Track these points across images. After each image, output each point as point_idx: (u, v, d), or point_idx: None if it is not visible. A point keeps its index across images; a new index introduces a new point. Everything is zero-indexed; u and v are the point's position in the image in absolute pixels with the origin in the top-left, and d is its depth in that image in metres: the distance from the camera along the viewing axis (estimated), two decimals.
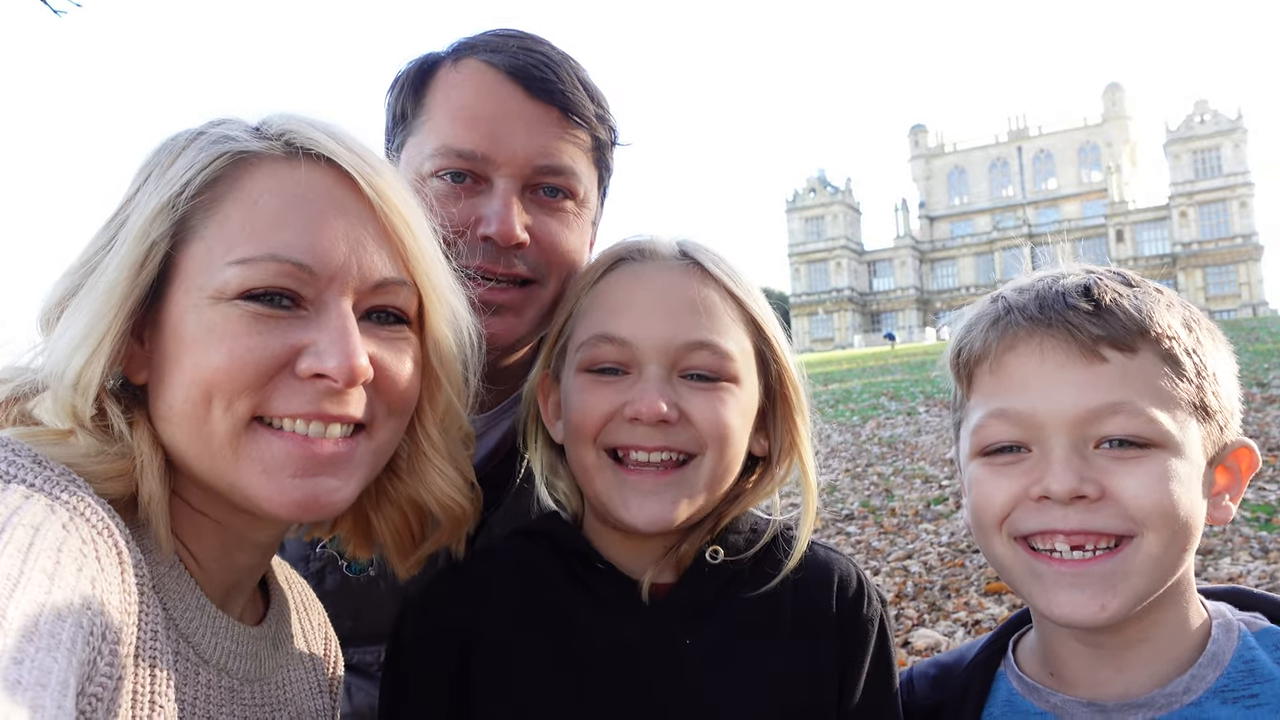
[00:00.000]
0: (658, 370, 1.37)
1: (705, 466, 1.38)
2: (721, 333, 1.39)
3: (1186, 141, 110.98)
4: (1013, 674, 1.46)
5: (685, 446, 1.37)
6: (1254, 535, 6.71)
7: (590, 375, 1.40)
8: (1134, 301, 1.30)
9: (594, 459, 1.39)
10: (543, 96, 1.76)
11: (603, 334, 1.40)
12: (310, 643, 1.48)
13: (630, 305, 1.41)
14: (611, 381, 1.38)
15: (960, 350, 1.42)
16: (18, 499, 0.92)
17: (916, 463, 11.65)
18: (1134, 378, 1.26)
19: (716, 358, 1.38)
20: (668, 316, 1.38)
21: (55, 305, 1.14)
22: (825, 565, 1.45)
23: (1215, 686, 1.27)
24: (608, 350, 1.39)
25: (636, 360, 1.37)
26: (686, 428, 1.36)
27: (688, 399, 1.36)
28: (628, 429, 1.36)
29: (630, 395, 1.36)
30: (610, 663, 1.34)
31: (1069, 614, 1.26)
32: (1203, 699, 1.27)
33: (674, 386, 1.37)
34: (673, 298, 1.40)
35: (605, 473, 1.38)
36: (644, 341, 1.37)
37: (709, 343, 1.38)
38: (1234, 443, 1.34)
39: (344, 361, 1.11)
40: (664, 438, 1.35)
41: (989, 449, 1.35)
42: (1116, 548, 1.25)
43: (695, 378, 1.38)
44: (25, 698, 0.72)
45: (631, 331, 1.38)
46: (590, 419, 1.38)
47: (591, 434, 1.38)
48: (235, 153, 1.14)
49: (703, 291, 1.41)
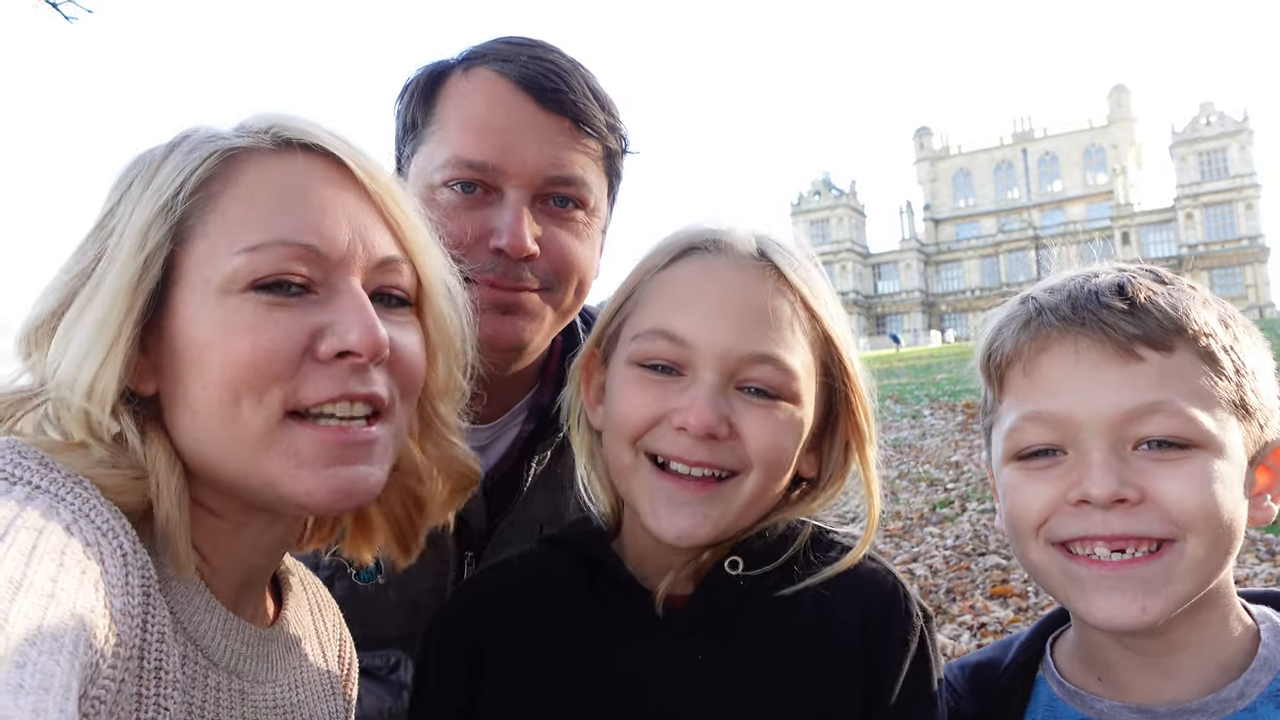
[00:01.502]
0: (713, 378, 1.26)
1: (746, 487, 1.29)
2: (788, 348, 1.29)
3: (1192, 143, 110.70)
4: (1052, 678, 1.41)
5: (729, 465, 1.28)
6: (1260, 537, 6.69)
7: (641, 370, 1.31)
8: (1169, 299, 1.26)
9: (631, 460, 1.31)
10: (553, 107, 1.76)
11: (661, 329, 1.30)
12: (325, 644, 1.47)
13: (694, 303, 1.30)
14: (662, 381, 1.29)
15: (991, 353, 1.37)
16: (21, 501, 0.91)
17: (921, 466, 11.62)
18: (1172, 377, 1.23)
19: (779, 374, 1.28)
20: (733, 323, 1.28)
21: (44, 322, 1.12)
22: (856, 576, 1.33)
23: (1269, 690, 1.24)
24: (664, 348, 1.29)
25: (692, 363, 1.28)
26: (734, 445, 1.27)
27: (741, 414, 1.27)
28: (672, 437, 1.27)
29: (680, 402, 1.26)
30: (622, 678, 1.30)
31: (1109, 617, 1.22)
32: (1257, 704, 1.23)
33: (728, 398, 1.27)
34: (742, 302, 1.29)
35: (641, 475, 1.30)
36: (704, 345, 1.27)
37: (773, 357, 1.27)
38: (1275, 441, 1.30)
39: (366, 335, 1.11)
40: (708, 453, 1.26)
41: (1024, 453, 1.31)
42: (1158, 551, 1.22)
43: (753, 391, 1.28)
44: (28, 701, 0.73)
45: (692, 333, 1.28)
46: (634, 420, 1.29)
47: (633, 436, 1.30)
48: (225, 150, 1.14)
49: (775, 300, 1.30)
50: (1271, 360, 1.35)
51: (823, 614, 1.31)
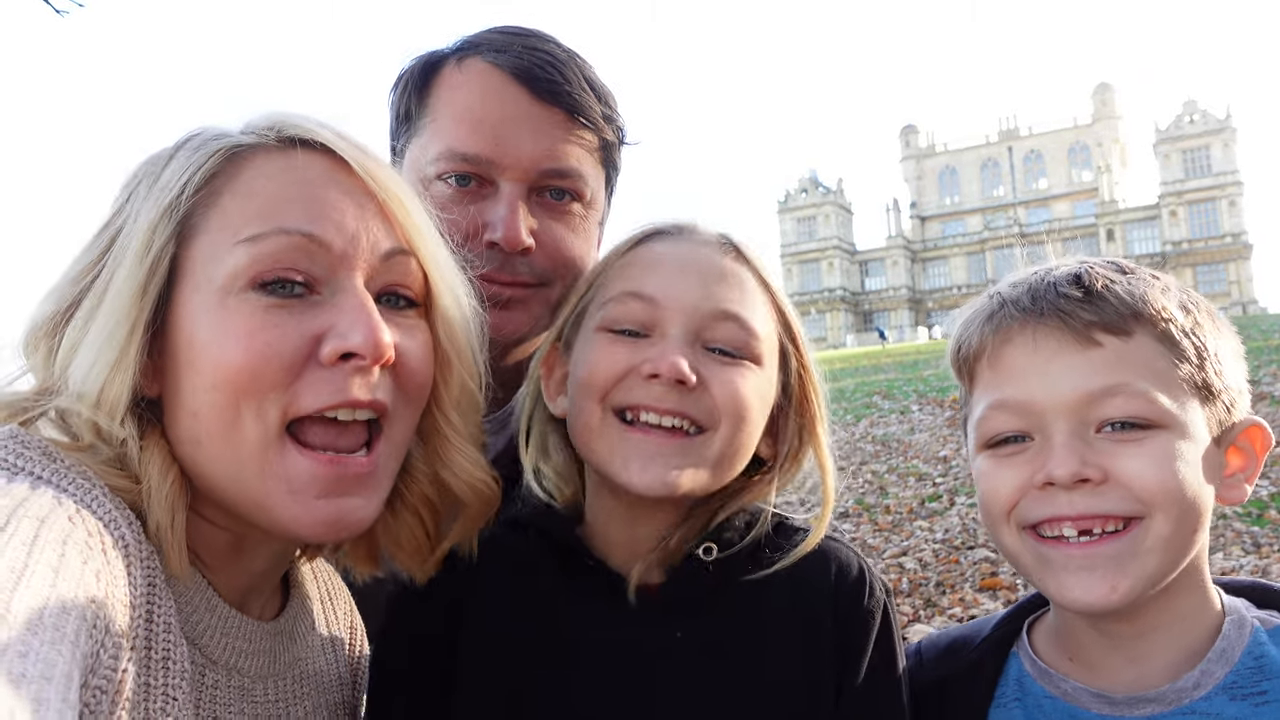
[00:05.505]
0: (681, 334, 1.31)
1: (716, 443, 1.31)
2: (751, 309, 1.35)
3: (1176, 141, 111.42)
4: (1026, 655, 1.45)
5: (699, 417, 1.30)
6: (1246, 530, 6.76)
7: (610, 334, 1.35)
8: (1126, 287, 1.31)
9: (599, 418, 1.32)
10: (548, 98, 1.74)
11: (630, 290, 1.35)
12: (334, 633, 1.46)
13: (661, 267, 1.37)
14: (631, 342, 1.33)
15: (960, 347, 1.43)
16: (24, 490, 0.91)
17: (910, 460, 11.66)
18: (1130, 360, 1.27)
19: (744, 333, 1.34)
20: (699, 281, 1.34)
21: (47, 324, 1.11)
22: (823, 555, 1.39)
23: (1224, 683, 1.26)
24: (633, 308, 1.34)
25: (660, 323, 1.32)
26: (704, 396, 1.30)
27: (709, 369, 1.31)
28: (642, 387, 1.29)
29: (650, 353, 1.30)
30: (599, 659, 1.32)
31: (1078, 597, 1.26)
32: (1211, 694, 1.26)
33: (696, 354, 1.31)
34: (708, 265, 1.36)
35: (610, 432, 1.31)
36: (672, 302, 1.32)
37: (738, 315, 1.33)
38: (1243, 422, 1.34)
39: (369, 335, 1.09)
40: (679, 401, 1.29)
41: (992, 440, 1.36)
42: (1125, 529, 1.25)
43: (719, 352, 1.33)
44: (30, 690, 0.73)
45: (660, 290, 1.33)
46: (602, 374, 1.32)
47: (601, 391, 1.32)
48: (230, 148, 1.14)
49: (737, 268, 1.37)
50: (1239, 345, 1.39)
51: (795, 590, 1.36)
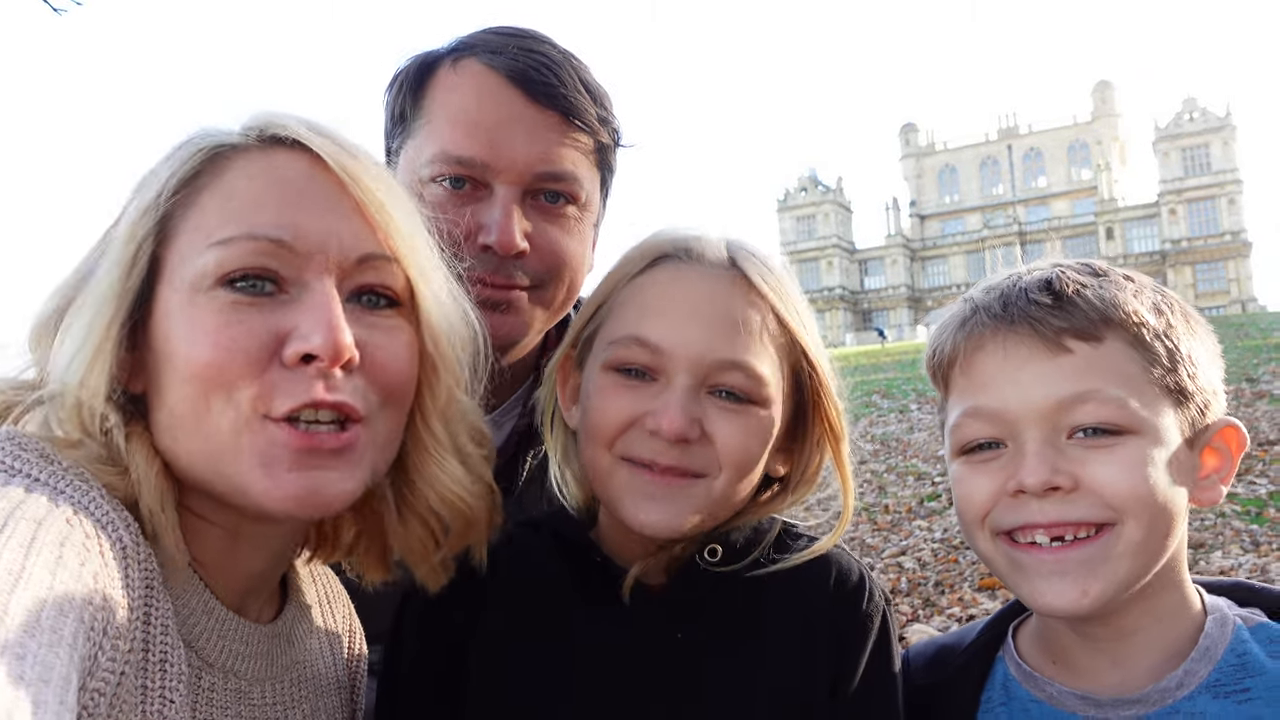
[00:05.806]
0: (686, 382, 1.30)
1: (716, 486, 1.33)
2: (758, 355, 1.33)
3: (1175, 139, 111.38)
4: (1011, 660, 1.46)
5: (699, 468, 1.32)
6: (1245, 529, 6.77)
7: (615, 375, 1.35)
8: (1097, 291, 1.31)
9: (607, 464, 1.34)
10: (543, 101, 1.73)
11: (635, 336, 1.34)
12: (332, 636, 1.45)
13: (667, 310, 1.34)
14: (636, 386, 1.33)
15: (935, 353, 1.44)
16: (21, 492, 0.92)
17: (909, 460, 11.67)
18: (1101, 366, 1.27)
19: (749, 380, 1.32)
20: (705, 329, 1.32)
21: (50, 319, 1.13)
22: (823, 561, 1.41)
23: (1207, 681, 1.27)
24: (637, 353, 1.33)
25: (665, 369, 1.32)
26: (705, 448, 1.31)
27: (713, 418, 1.31)
28: (645, 441, 1.31)
29: (654, 406, 1.30)
30: (603, 660, 1.34)
31: (1051, 602, 1.27)
32: (1195, 693, 1.26)
33: (700, 402, 1.31)
34: (713, 310, 1.33)
35: (619, 476, 1.33)
36: (677, 350, 1.31)
37: (743, 364, 1.32)
38: (1218, 423, 1.34)
39: (328, 336, 1.07)
40: (679, 456, 1.30)
41: (967, 447, 1.37)
42: (1097, 534, 1.26)
43: (724, 395, 1.32)
44: (28, 693, 0.73)
45: (665, 339, 1.31)
46: (609, 425, 1.33)
47: (608, 441, 1.33)
48: (212, 148, 1.15)
49: (745, 309, 1.34)
50: (1215, 346, 1.39)
51: (794, 594, 1.38)
